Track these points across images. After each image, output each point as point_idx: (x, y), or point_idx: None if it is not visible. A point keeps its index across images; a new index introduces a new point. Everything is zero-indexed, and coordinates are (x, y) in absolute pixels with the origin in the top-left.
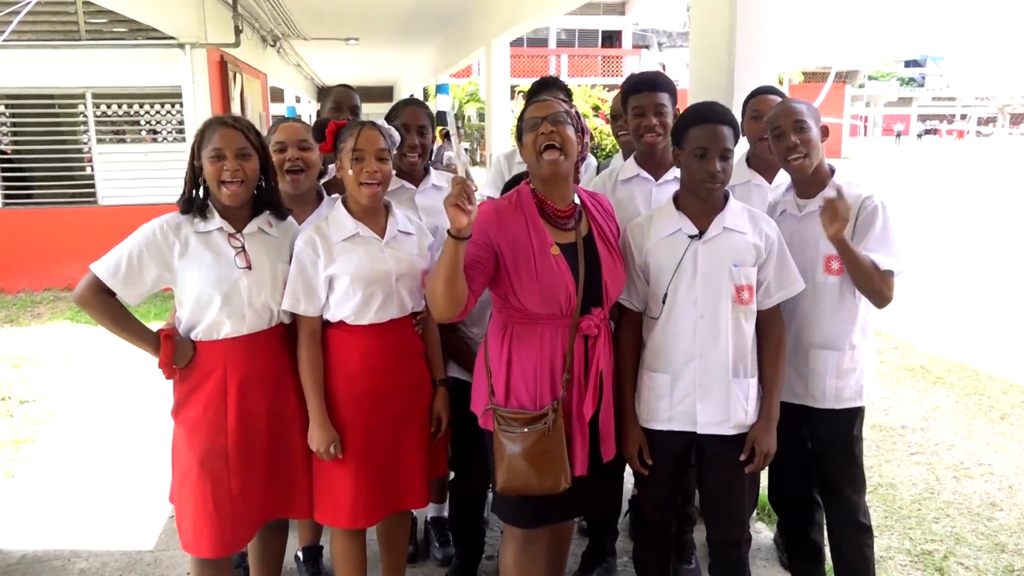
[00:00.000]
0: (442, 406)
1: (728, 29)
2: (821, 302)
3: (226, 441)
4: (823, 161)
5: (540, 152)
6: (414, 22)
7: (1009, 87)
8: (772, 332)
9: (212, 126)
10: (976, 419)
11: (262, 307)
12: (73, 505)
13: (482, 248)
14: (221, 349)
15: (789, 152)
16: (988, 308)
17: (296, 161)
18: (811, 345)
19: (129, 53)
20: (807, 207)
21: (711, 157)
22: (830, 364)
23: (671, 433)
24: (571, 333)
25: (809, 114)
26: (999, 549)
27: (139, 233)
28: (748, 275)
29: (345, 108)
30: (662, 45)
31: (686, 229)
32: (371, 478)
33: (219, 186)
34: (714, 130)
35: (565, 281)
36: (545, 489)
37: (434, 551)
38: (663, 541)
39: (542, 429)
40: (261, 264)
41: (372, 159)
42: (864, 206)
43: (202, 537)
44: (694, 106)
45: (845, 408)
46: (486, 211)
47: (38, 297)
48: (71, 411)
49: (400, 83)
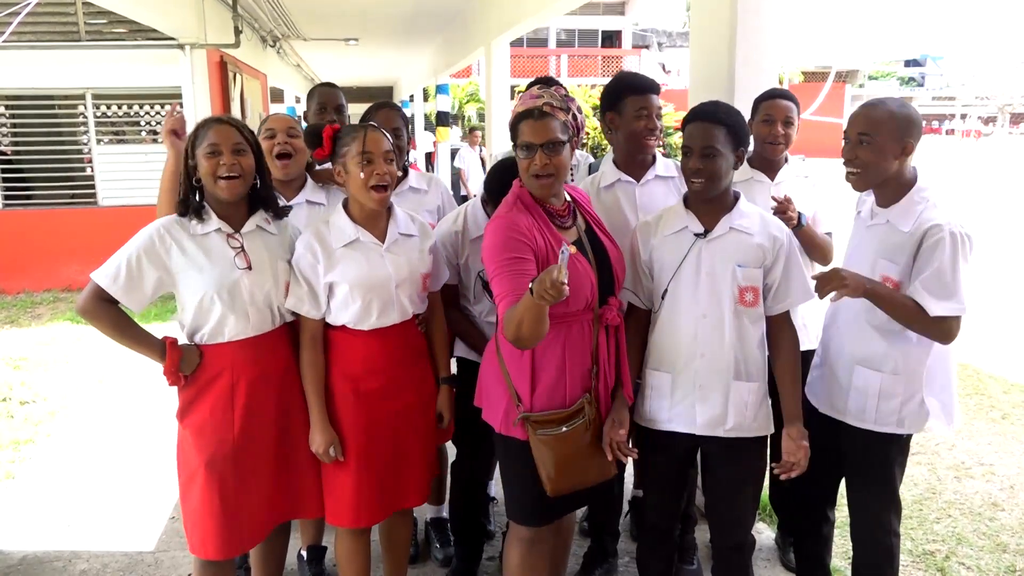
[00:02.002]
0: (445, 405)
1: (728, 29)
2: (872, 318)
3: (232, 443)
4: (905, 168)
5: (530, 175)
6: (414, 22)
7: (1009, 87)
8: (783, 340)
9: (207, 124)
10: (977, 419)
11: (265, 306)
12: (73, 506)
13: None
14: (227, 352)
15: (846, 164)
16: (988, 308)
17: (285, 146)
18: (855, 361)
19: (129, 54)
20: (877, 217)
21: (691, 155)
22: (871, 383)
23: (672, 434)
24: (595, 325)
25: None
26: (1001, 549)
27: (137, 238)
28: (752, 277)
29: (330, 109)
30: (662, 45)
31: (692, 227)
32: (373, 478)
33: (215, 181)
34: (699, 128)
35: (588, 275)
36: (596, 480)
37: (435, 551)
38: (666, 544)
39: (583, 423)
40: (261, 263)
41: (381, 161)
42: (929, 235)
43: (208, 539)
44: (697, 104)
45: (881, 432)
46: (520, 226)
47: (38, 298)
48: (71, 412)
49: (400, 83)
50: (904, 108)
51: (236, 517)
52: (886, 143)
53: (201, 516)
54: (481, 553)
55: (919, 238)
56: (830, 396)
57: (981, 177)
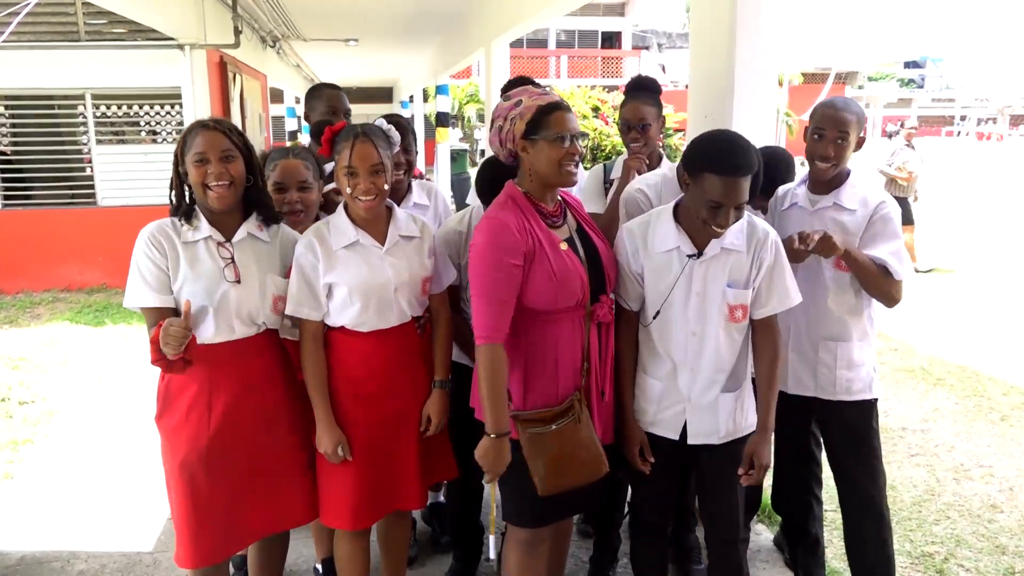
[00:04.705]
0: (434, 408)
1: (728, 29)
2: (831, 296)
3: (206, 447)
4: None
5: (563, 165)
6: (414, 23)
7: (1009, 88)
8: (767, 344)
9: (194, 130)
10: (976, 421)
11: (248, 319)
12: (72, 506)
13: (520, 269)
14: (206, 354)
15: (823, 159)
16: (988, 309)
17: (295, 204)
18: (821, 337)
19: (128, 54)
20: (819, 203)
21: (724, 212)
22: (840, 355)
23: (654, 435)
24: (586, 322)
25: (854, 124)
26: (1000, 551)
27: (136, 252)
28: (741, 296)
29: (340, 112)
30: (662, 46)
31: (684, 248)
32: (371, 479)
33: (204, 190)
34: (734, 185)
35: (579, 272)
36: (588, 479)
37: (437, 536)
38: (660, 542)
39: (572, 421)
40: (250, 276)
41: (365, 176)
42: (878, 210)
43: (181, 546)
44: (716, 143)
45: (857, 400)
46: (510, 228)
47: (37, 298)
48: (70, 412)
49: (400, 84)
50: (857, 106)
51: (209, 525)
52: (854, 139)
53: (175, 523)
54: (480, 554)
55: (870, 212)
56: (797, 376)
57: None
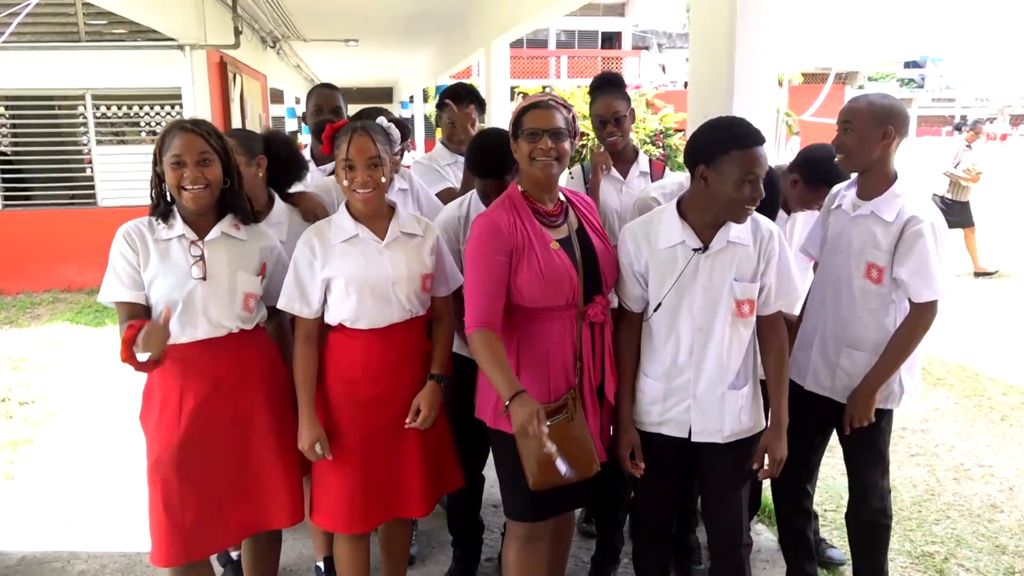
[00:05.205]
0: (425, 400)
1: (728, 29)
2: (859, 305)
3: (177, 446)
4: (889, 165)
5: (534, 159)
6: (414, 23)
7: (1009, 88)
8: (774, 339)
9: (172, 131)
10: (976, 420)
11: (215, 320)
12: (72, 507)
13: (507, 265)
14: (177, 354)
15: (837, 151)
16: (988, 309)
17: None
18: (843, 343)
19: (129, 54)
20: (860, 209)
21: (756, 183)
22: (860, 364)
23: (662, 435)
24: (578, 322)
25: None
26: (1000, 551)
27: (112, 248)
28: (748, 290)
29: (327, 111)
30: (662, 46)
31: (690, 242)
32: (369, 483)
33: (180, 192)
34: (760, 154)
35: (569, 272)
36: (581, 477)
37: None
38: (661, 543)
39: (565, 418)
40: (219, 274)
41: (363, 169)
42: (908, 226)
43: (156, 544)
44: (727, 124)
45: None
46: (498, 226)
47: (37, 298)
48: (70, 412)
49: (400, 84)
50: (885, 99)
51: (181, 524)
52: (866, 128)
53: (149, 521)
54: (479, 553)
55: (900, 227)
56: (816, 373)
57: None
